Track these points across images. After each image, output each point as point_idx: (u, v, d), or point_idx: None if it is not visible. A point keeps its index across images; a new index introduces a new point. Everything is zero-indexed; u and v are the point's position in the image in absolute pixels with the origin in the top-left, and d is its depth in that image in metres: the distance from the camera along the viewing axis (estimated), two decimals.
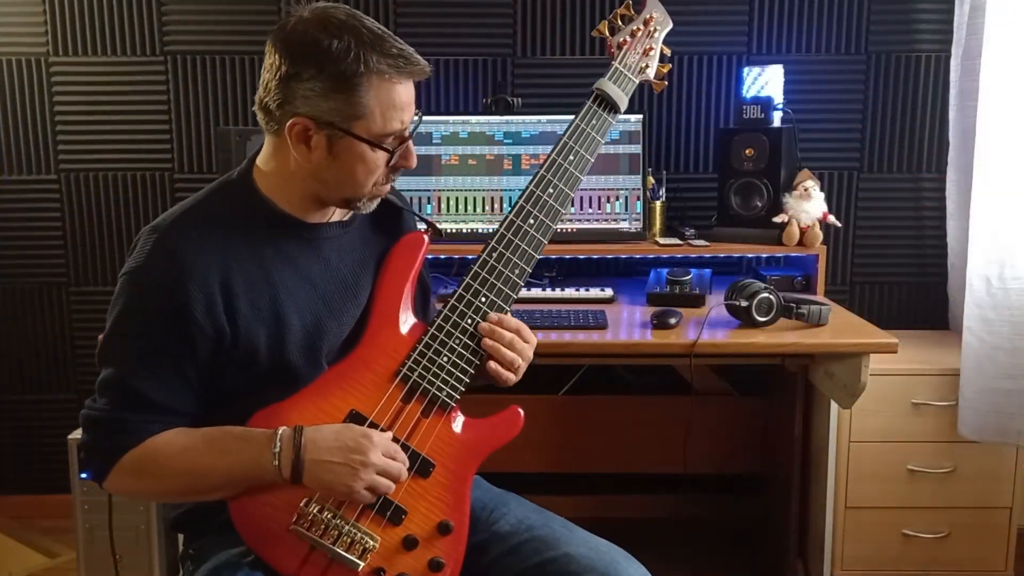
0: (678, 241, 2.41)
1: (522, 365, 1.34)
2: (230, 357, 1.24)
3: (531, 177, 1.38)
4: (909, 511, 2.29)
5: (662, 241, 2.41)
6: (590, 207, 2.40)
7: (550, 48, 2.63)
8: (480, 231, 2.40)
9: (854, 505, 2.27)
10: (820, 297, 2.28)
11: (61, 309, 2.76)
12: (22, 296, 2.76)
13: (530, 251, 1.35)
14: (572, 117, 1.41)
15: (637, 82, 1.48)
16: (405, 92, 1.22)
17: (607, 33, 1.49)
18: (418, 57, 1.22)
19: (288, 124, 1.20)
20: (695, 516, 2.74)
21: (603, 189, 2.39)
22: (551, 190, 1.37)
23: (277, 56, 1.19)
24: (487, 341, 1.31)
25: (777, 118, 2.40)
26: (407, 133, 1.26)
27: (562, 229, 2.40)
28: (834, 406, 2.11)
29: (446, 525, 1.27)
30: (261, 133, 1.28)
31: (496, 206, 2.41)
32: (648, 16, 1.50)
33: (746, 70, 2.45)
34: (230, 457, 1.20)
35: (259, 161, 1.29)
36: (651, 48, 1.49)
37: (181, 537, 1.40)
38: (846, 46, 2.61)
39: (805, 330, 1.93)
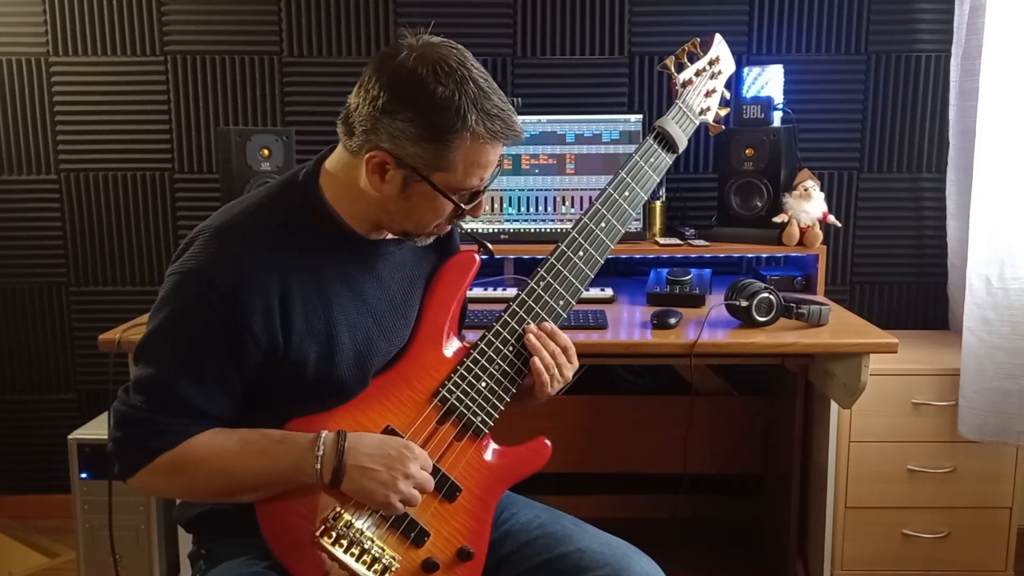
0: (678, 241, 2.41)
1: (561, 382, 1.34)
2: (278, 369, 1.22)
3: (584, 209, 1.37)
4: (909, 511, 2.29)
5: (662, 241, 2.41)
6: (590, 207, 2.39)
7: (550, 48, 2.63)
8: (480, 231, 2.40)
9: (854, 505, 2.27)
10: (820, 297, 2.28)
11: (61, 309, 2.76)
12: (22, 296, 2.76)
13: (576, 283, 1.35)
14: (630, 152, 1.40)
15: (698, 124, 1.47)
16: (494, 153, 1.20)
17: (672, 69, 1.47)
18: (516, 120, 1.19)
19: (368, 154, 1.17)
20: (695, 516, 2.74)
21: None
22: (603, 224, 1.37)
23: (377, 85, 1.16)
24: (536, 363, 1.30)
25: (777, 118, 2.40)
26: (483, 188, 1.24)
27: (562, 229, 2.40)
28: (834, 406, 2.11)
29: (467, 552, 1.27)
30: (261, 133, 1.27)
31: (496, 206, 2.41)
32: (715, 57, 1.49)
33: (746, 70, 2.45)
34: (268, 459, 1.19)
35: (328, 165, 1.26)
36: (714, 90, 1.48)
37: (184, 538, 1.40)
38: (846, 46, 2.61)
39: (805, 330, 1.94)
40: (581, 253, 1.36)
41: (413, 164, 1.17)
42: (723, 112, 1.51)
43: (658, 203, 2.48)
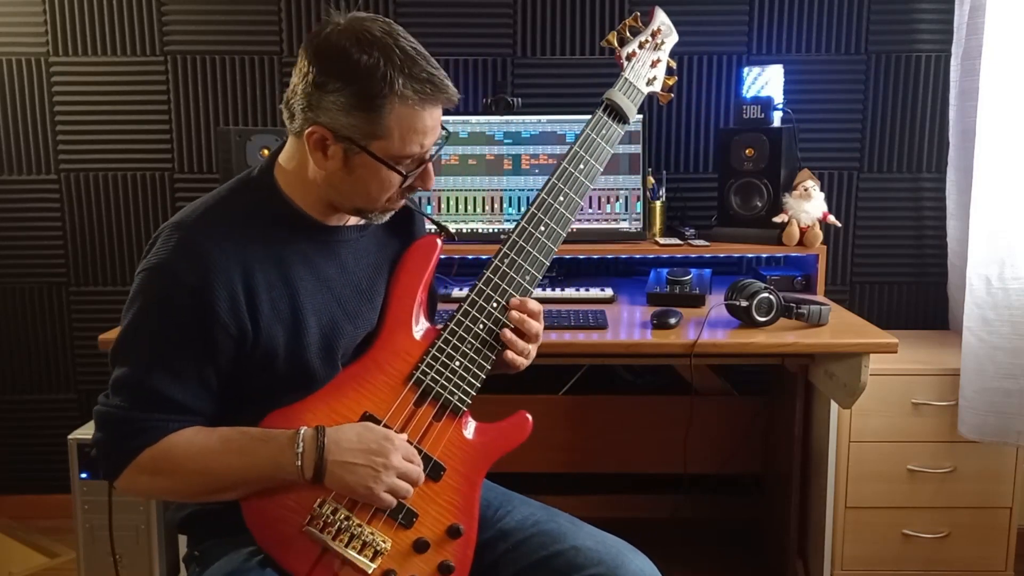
0: (678, 241, 2.41)
1: (533, 350, 1.37)
2: (250, 357, 1.23)
3: (542, 184, 1.39)
4: (909, 511, 2.29)
5: (662, 241, 2.41)
6: (590, 207, 2.40)
7: (550, 48, 2.63)
8: (480, 231, 2.41)
9: (854, 505, 2.27)
10: (820, 297, 2.28)
11: (61, 309, 2.76)
12: (22, 296, 2.76)
13: (540, 257, 1.37)
14: (582, 125, 1.43)
15: (645, 93, 1.50)
16: (429, 117, 1.21)
17: (616, 44, 1.51)
18: (448, 84, 1.20)
19: (307, 131, 1.20)
20: (695, 516, 2.74)
21: (603, 189, 2.39)
22: (561, 197, 1.39)
23: (307, 62, 1.18)
24: (507, 334, 1.33)
25: (777, 118, 2.40)
26: (427, 156, 1.25)
27: None
28: (834, 406, 2.11)
29: (456, 528, 1.28)
30: (261, 133, 1.28)
31: (496, 206, 2.41)
32: (656, 28, 1.52)
33: (746, 70, 2.45)
34: (249, 457, 1.20)
35: (281, 159, 1.29)
36: (658, 60, 1.51)
37: (184, 538, 1.40)
38: (846, 46, 2.61)
39: (805, 330, 1.94)
40: (543, 228, 1.37)
41: (349, 135, 1.19)
42: (671, 81, 1.54)
43: (658, 203, 2.48)
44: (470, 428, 1.33)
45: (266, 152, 2.23)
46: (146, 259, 1.23)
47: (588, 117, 1.45)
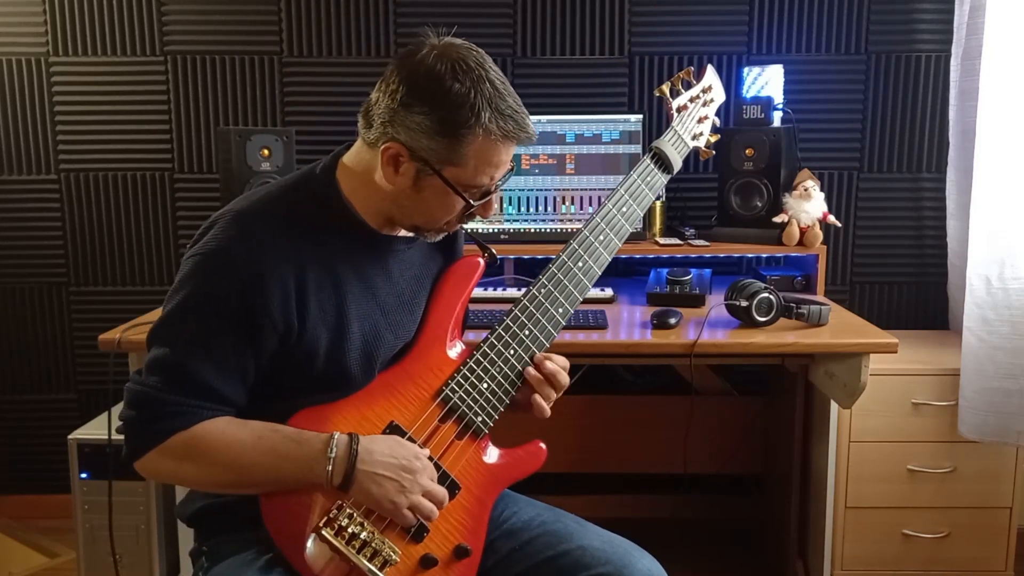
0: (678, 241, 2.41)
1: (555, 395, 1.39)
2: (291, 355, 1.23)
3: (584, 221, 1.44)
4: (909, 511, 2.29)
5: (662, 241, 2.41)
6: (590, 207, 2.40)
7: (550, 48, 2.63)
8: (480, 231, 2.40)
9: (854, 505, 2.27)
10: (820, 297, 2.28)
11: (61, 309, 2.76)
12: (22, 296, 2.76)
13: (575, 292, 1.40)
14: (629, 172, 1.49)
15: (691, 147, 1.55)
16: (506, 153, 1.25)
17: (668, 95, 1.56)
18: (529, 123, 1.24)
19: (384, 145, 1.21)
20: (695, 516, 2.74)
21: (603, 189, 2.39)
22: (602, 237, 1.44)
23: (398, 80, 1.20)
24: (532, 373, 1.34)
25: (777, 118, 2.40)
26: (493, 188, 1.28)
27: (562, 229, 2.40)
28: (834, 406, 2.11)
29: (464, 549, 1.28)
30: (261, 133, 1.28)
31: (496, 206, 2.40)
32: (707, 85, 1.58)
33: (746, 70, 2.45)
34: (280, 457, 1.19)
35: (346, 159, 1.29)
36: (706, 117, 1.57)
37: (183, 537, 1.40)
38: (846, 46, 2.61)
39: (805, 330, 1.94)
40: (581, 264, 1.41)
41: (426, 157, 1.20)
42: (713, 139, 1.60)
43: (658, 203, 2.48)
44: (488, 451, 1.34)
45: (266, 152, 2.24)
46: (202, 243, 1.22)
47: (586, 118, 1.47)
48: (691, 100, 1.56)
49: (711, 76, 1.59)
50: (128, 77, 2.65)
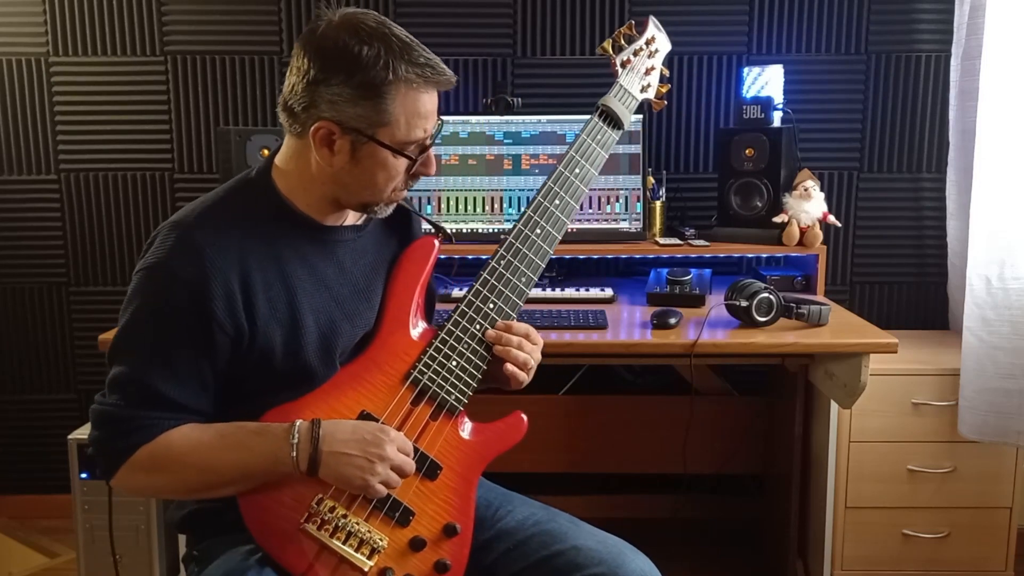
0: (678, 241, 2.41)
1: (533, 366, 1.37)
2: (247, 357, 1.24)
3: (538, 188, 1.41)
4: (909, 511, 2.29)
5: (662, 241, 2.41)
6: (590, 207, 2.40)
7: (550, 48, 2.63)
8: (480, 231, 2.41)
9: (854, 505, 2.27)
10: (820, 297, 2.28)
11: (61, 309, 2.76)
12: (22, 296, 2.76)
13: (536, 260, 1.39)
14: (577, 130, 1.43)
15: (639, 100, 1.54)
16: (430, 101, 1.24)
17: (611, 51, 1.54)
18: (444, 67, 1.24)
19: (313, 128, 1.21)
20: (695, 516, 2.74)
21: (603, 189, 2.39)
22: (557, 201, 1.41)
23: (305, 60, 1.20)
24: (498, 346, 1.34)
25: (777, 118, 2.40)
26: (428, 141, 1.28)
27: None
28: (834, 406, 2.11)
29: (452, 527, 1.28)
30: (261, 133, 1.28)
31: (496, 206, 2.41)
32: (650, 37, 1.56)
33: (746, 70, 2.45)
34: (245, 451, 1.20)
35: (278, 161, 1.31)
36: (652, 68, 1.55)
37: (183, 538, 1.40)
38: (846, 46, 2.61)
39: (805, 330, 1.94)
40: (538, 231, 1.40)
41: (356, 126, 1.21)
42: (664, 89, 1.58)
43: (658, 203, 2.48)
44: (466, 428, 1.34)
45: (266, 152, 2.23)
46: (144, 258, 1.23)
47: (585, 118, 1.47)
48: (634, 54, 1.54)
49: (653, 28, 1.57)
50: (128, 77, 2.65)
